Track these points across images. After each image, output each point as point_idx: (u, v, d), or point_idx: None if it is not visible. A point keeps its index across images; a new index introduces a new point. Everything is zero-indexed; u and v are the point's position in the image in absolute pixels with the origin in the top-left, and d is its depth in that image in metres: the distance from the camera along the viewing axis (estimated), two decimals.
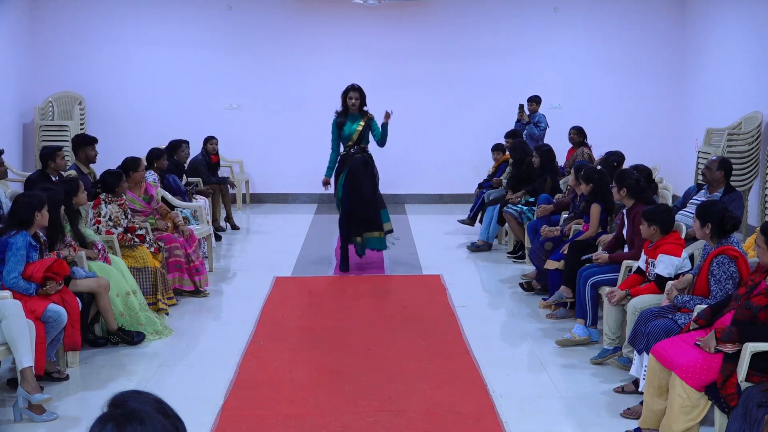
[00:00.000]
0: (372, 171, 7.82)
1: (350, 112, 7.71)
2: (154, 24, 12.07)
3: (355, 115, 7.70)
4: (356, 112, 7.70)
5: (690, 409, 3.91)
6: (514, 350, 5.74)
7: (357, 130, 7.68)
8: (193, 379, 5.11)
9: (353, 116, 7.70)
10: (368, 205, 7.75)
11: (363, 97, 7.72)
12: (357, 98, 7.65)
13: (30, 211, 4.88)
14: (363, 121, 7.69)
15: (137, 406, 1.71)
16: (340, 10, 12.06)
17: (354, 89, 7.70)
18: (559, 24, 12.23)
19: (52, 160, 6.85)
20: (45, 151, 6.95)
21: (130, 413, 1.69)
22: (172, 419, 1.73)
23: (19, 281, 4.78)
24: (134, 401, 1.73)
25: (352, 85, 7.74)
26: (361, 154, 7.74)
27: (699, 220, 4.58)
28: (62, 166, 6.96)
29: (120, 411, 1.70)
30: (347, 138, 7.73)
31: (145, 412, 1.70)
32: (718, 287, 4.40)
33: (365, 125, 7.71)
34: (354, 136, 7.69)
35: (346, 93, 7.72)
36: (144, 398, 1.74)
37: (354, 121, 7.70)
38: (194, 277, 6.91)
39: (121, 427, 1.66)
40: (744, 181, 9.05)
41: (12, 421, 4.41)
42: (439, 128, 12.26)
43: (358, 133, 7.69)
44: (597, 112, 11.89)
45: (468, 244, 9.01)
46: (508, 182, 8.97)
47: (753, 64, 9.78)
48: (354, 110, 7.69)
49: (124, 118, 11.98)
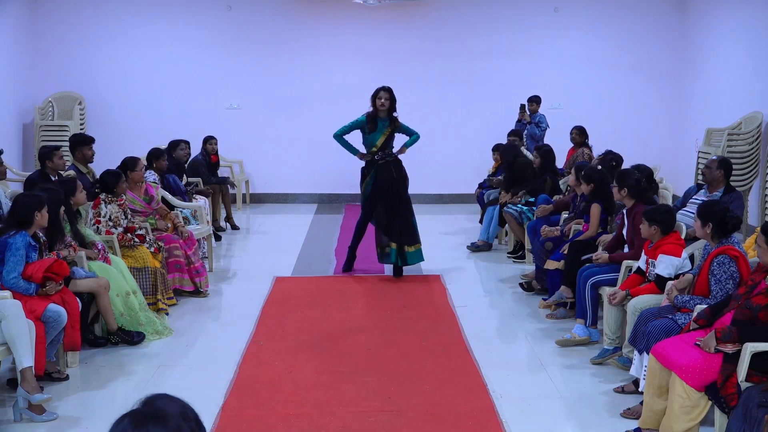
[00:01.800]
0: (401, 180, 7.60)
1: (379, 116, 7.44)
2: (155, 24, 12.07)
3: (383, 120, 7.44)
4: (385, 117, 7.44)
5: (690, 409, 3.90)
6: (514, 350, 5.74)
7: (382, 138, 7.45)
8: (193, 379, 5.10)
9: (381, 121, 7.44)
10: (401, 215, 7.55)
11: (393, 99, 7.42)
12: (387, 99, 7.35)
13: (30, 211, 4.88)
14: (388, 130, 7.46)
15: (160, 406, 1.77)
16: (340, 10, 12.06)
17: (384, 90, 7.41)
18: (559, 24, 12.23)
19: (50, 160, 6.85)
20: (43, 151, 6.95)
21: (150, 412, 1.75)
22: (191, 423, 1.79)
23: (18, 281, 4.78)
24: (161, 402, 1.79)
25: (382, 86, 7.46)
26: (386, 160, 7.50)
27: (700, 219, 4.58)
28: (60, 165, 6.96)
29: (142, 409, 1.77)
30: (371, 144, 7.50)
31: (166, 412, 1.75)
32: (718, 287, 4.40)
33: (391, 131, 7.49)
34: (378, 143, 7.46)
35: (375, 94, 7.42)
36: (172, 402, 1.80)
37: (382, 126, 7.45)
38: (194, 279, 6.91)
39: (138, 424, 1.72)
40: (744, 181, 9.05)
41: (12, 421, 4.41)
42: (439, 128, 12.24)
43: (383, 141, 7.46)
44: (597, 112, 11.90)
45: (468, 244, 9.00)
46: (502, 184, 8.97)
47: (753, 64, 9.78)
48: (383, 113, 7.42)
49: (124, 118, 11.98)
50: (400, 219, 7.53)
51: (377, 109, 7.42)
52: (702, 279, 4.52)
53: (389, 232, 7.53)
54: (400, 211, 7.53)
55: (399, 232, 7.50)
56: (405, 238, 7.53)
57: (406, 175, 7.70)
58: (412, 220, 7.64)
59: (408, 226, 7.57)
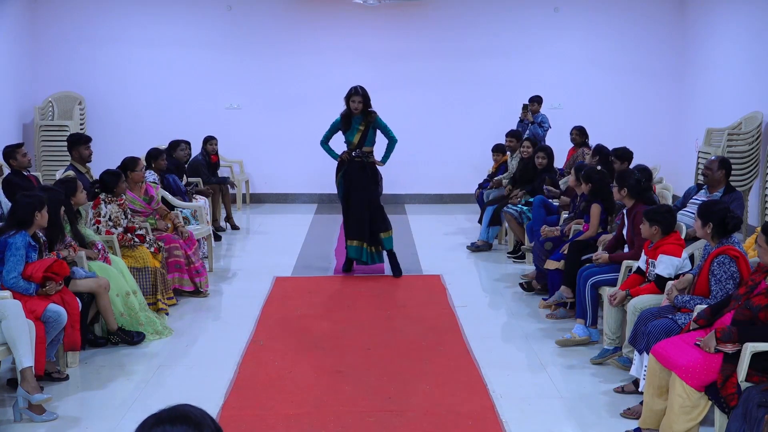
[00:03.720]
0: (371, 177, 7.61)
1: (353, 115, 7.48)
2: (154, 24, 12.07)
3: (357, 117, 7.48)
4: (359, 115, 7.47)
5: (690, 409, 3.90)
6: (514, 350, 5.74)
7: (358, 133, 7.48)
8: (193, 379, 5.10)
9: (356, 119, 7.48)
10: (366, 208, 7.58)
11: (367, 99, 7.45)
12: (360, 102, 7.38)
13: (30, 212, 4.88)
14: (363, 125, 7.47)
15: (185, 410, 1.78)
16: (340, 10, 12.06)
17: (356, 93, 7.41)
18: (559, 24, 12.23)
19: (13, 158, 6.85)
20: (5, 150, 6.95)
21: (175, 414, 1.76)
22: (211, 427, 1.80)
23: (18, 281, 4.78)
24: (184, 407, 1.80)
25: (354, 89, 7.44)
26: (362, 159, 7.53)
27: (700, 219, 4.58)
28: (25, 163, 6.93)
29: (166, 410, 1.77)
30: (349, 142, 7.55)
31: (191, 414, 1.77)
32: (718, 287, 4.40)
33: (366, 128, 7.49)
34: (355, 139, 7.49)
35: (348, 97, 7.45)
36: (199, 411, 1.81)
37: (357, 123, 7.49)
38: (194, 279, 6.91)
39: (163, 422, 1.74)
40: (744, 181, 9.05)
41: (12, 421, 4.41)
42: (439, 128, 12.26)
43: (360, 136, 7.48)
44: (597, 112, 11.89)
45: (468, 245, 9.01)
46: (510, 180, 8.96)
47: (753, 64, 9.78)
48: (357, 113, 7.45)
49: (124, 118, 11.98)
50: (369, 213, 7.56)
51: (351, 111, 7.48)
52: (702, 279, 4.51)
53: (358, 230, 7.56)
54: (367, 206, 7.55)
55: (369, 229, 7.55)
56: (377, 225, 7.57)
57: (379, 175, 7.73)
58: (381, 208, 7.68)
59: (379, 213, 7.61)
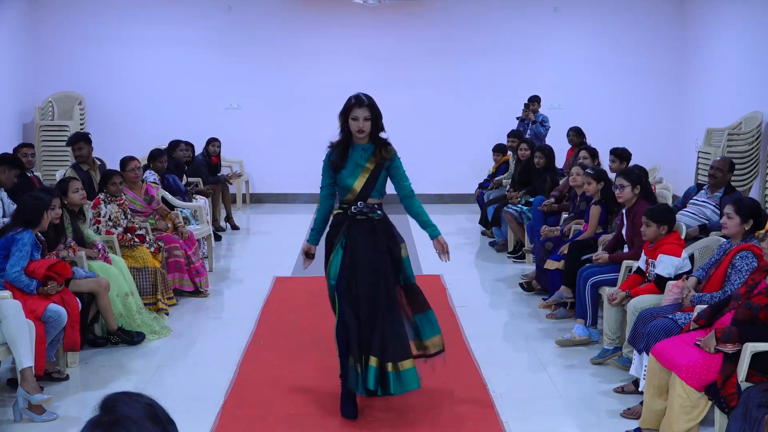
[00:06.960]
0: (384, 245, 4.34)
1: (355, 143, 4.32)
2: (154, 24, 12.07)
3: (364, 147, 4.32)
4: (365, 143, 4.33)
5: (690, 409, 3.90)
6: (514, 350, 5.74)
7: (362, 173, 4.29)
8: (193, 379, 5.10)
9: (361, 150, 4.32)
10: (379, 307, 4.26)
11: (377, 114, 4.28)
12: (367, 118, 4.23)
13: (39, 212, 4.95)
14: (373, 162, 4.29)
15: (126, 413, 1.65)
16: (340, 10, 12.06)
17: (360, 103, 4.25)
18: (559, 24, 12.23)
19: None
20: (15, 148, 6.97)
21: (116, 420, 1.63)
22: (162, 425, 1.68)
23: (21, 276, 4.80)
24: (124, 406, 1.67)
25: (357, 98, 4.28)
26: (367, 215, 4.33)
27: (739, 216, 4.55)
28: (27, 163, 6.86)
29: (108, 418, 1.64)
30: (345, 188, 4.32)
31: (133, 420, 1.63)
32: (737, 277, 4.40)
33: (375, 168, 4.30)
34: (356, 184, 4.29)
35: (347, 112, 4.28)
36: (135, 402, 1.68)
37: (360, 158, 4.31)
38: (194, 279, 6.91)
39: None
40: (744, 181, 9.05)
41: (12, 421, 4.41)
42: (439, 128, 12.26)
43: (364, 181, 4.30)
44: (597, 112, 11.90)
45: (489, 242, 9.13)
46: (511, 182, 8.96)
47: (753, 64, 9.78)
48: (361, 140, 4.30)
49: (124, 118, 11.99)
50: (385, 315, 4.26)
51: (353, 134, 4.28)
52: (719, 274, 4.51)
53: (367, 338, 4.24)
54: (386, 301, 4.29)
55: (382, 337, 4.22)
56: (390, 351, 4.25)
57: (398, 237, 4.48)
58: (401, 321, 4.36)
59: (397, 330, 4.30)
